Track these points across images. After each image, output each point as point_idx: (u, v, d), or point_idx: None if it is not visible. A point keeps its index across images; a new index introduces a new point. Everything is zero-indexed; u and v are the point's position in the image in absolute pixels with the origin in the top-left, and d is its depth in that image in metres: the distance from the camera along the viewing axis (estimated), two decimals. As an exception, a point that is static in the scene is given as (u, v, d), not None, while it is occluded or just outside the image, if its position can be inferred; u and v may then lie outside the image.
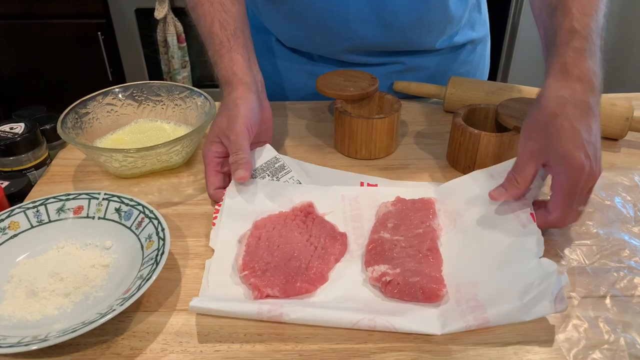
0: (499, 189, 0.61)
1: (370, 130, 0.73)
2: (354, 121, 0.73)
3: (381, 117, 0.73)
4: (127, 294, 0.52)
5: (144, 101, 0.82)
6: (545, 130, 0.56)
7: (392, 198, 0.66)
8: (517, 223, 0.59)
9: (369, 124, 0.73)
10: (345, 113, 0.74)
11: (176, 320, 0.53)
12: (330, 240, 0.60)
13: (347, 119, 0.74)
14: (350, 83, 0.78)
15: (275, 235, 0.60)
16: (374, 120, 0.73)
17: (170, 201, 0.69)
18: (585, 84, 0.56)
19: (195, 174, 0.74)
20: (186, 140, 0.70)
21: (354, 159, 0.77)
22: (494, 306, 0.51)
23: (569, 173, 0.55)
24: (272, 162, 0.70)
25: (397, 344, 0.50)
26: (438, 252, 0.58)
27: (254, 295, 0.54)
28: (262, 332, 0.51)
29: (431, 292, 0.53)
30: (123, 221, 0.61)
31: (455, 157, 0.74)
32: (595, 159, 0.55)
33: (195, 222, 0.65)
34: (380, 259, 0.57)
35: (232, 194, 0.65)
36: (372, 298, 0.55)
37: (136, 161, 0.69)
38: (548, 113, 0.56)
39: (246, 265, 0.56)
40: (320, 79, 0.79)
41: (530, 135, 0.58)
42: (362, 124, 0.73)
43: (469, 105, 0.76)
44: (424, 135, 0.82)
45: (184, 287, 0.57)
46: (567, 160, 0.54)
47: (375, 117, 0.73)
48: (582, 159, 0.54)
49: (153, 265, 0.54)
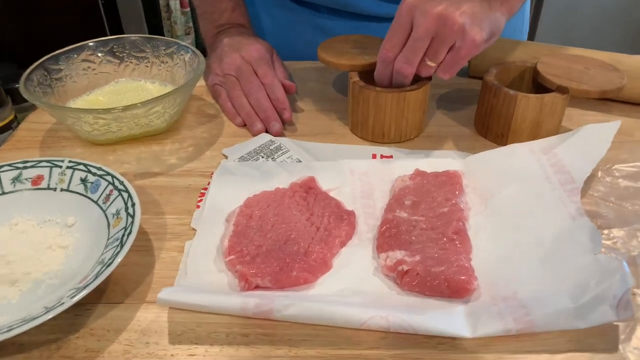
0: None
1: (401, 106, 0.60)
2: (381, 96, 0.59)
3: (414, 89, 0.59)
4: (82, 282, 0.42)
5: (126, 58, 0.71)
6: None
7: (410, 171, 0.55)
8: (564, 212, 0.49)
9: (400, 98, 0.59)
10: (367, 87, 0.59)
11: (144, 315, 0.43)
12: (335, 219, 0.50)
13: (372, 95, 0.59)
14: (359, 50, 0.64)
15: (269, 214, 0.50)
16: (406, 93, 0.59)
17: (149, 171, 0.59)
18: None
19: (180, 141, 0.64)
20: (168, 100, 0.60)
21: (380, 144, 0.62)
22: (540, 308, 0.40)
23: (418, 12, 0.52)
24: (266, 145, 0.60)
25: (415, 350, 0.40)
26: (466, 237, 0.48)
27: (240, 286, 0.44)
28: (249, 332, 0.42)
29: (459, 286, 0.43)
30: (89, 194, 0.52)
31: (486, 124, 0.62)
32: (467, 16, 0.51)
33: (176, 196, 0.55)
34: (396, 243, 0.47)
35: (220, 172, 0.56)
36: (385, 291, 0.45)
37: (110, 124, 0.59)
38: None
39: (233, 249, 0.46)
40: (322, 47, 0.65)
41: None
42: (392, 99, 0.59)
43: (501, 63, 0.64)
44: (447, 98, 0.71)
45: (157, 274, 0.47)
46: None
47: (407, 89, 0.59)
48: (437, 4, 0.51)
49: (117, 248, 0.44)
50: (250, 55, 0.68)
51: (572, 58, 0.63)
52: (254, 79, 0.66)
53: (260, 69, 0.67)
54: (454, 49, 0.53)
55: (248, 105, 0.65)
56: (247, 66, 0.67)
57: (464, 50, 0.52)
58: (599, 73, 0.60)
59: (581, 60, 0.62)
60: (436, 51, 0.53)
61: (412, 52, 0.54)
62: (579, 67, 0.61)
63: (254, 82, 0.66)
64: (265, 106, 0.64)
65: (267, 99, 0.65)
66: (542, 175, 0.53)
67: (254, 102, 0.65)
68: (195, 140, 0.64)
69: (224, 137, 0.65)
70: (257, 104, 0.65)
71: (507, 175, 0.54)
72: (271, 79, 0.66)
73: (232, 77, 0.68)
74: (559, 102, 0.58)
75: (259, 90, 0.65)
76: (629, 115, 0.66)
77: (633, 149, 0.60)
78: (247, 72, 0.67)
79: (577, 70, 0.60)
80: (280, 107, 0.65)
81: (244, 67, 0.67)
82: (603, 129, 0.56)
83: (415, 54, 0.54)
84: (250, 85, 0.66)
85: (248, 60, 0.67)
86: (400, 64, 0.56)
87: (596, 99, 0.69)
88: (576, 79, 0.59)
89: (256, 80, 0.66)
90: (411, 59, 0.55)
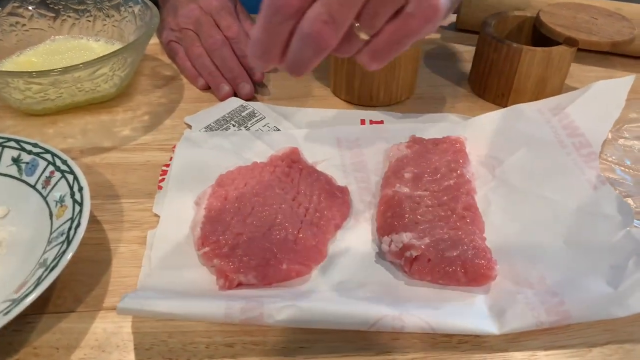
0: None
1: (392, 63, 0.52)
2: None
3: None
4: (21, 291, 0.33)
5: (63, 11, 0.60)
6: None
7: (405, 138, 0.48)
8: (584, 181, 0.43)
9: None
10: None
11: (102, 325, 0.35)
12: (327, 198, 0.42)
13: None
14: None
15: (247, 193, 0.42)
16: None
17: (98, 146, 0.50)
18: None
19: (134, 109, 0.54)
20: (117, 60, 0.50)
21: (367, 107, 0.55)
22: (574, 295, 0.35)
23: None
24: (237, 112, 0.52)
25: (434, 352, 0.34)
26: (478, 213, 0.42)
27: (219, 284, 0.37)
28: (234, 342, 0.34)
29: (478, 272, 0.37)
30: (24, 177, 0.42)
31: (484, 82, 0.56)
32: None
33: (133, 176, 0.46)
34: (400, 224, 0.40)
35: (184, 145, 0.48)
36: (392, 282, 0.38)
37: (46, 90, 0.49)
38: None
39: (207, 239, 0.39)
40: None
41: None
42: None
43: (498, 14, 0.57)
44: (435, 55, 0.64)
45: (115, 273, 0.39)
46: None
47: None
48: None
49: (63, 245, 0.35)
50: (210, 5, 0.58)
51: (577, 7, 0.57)
52: (215, 32, 0.57)
53: (222, 20, 0.57)
54: (401, 16, 0.31)
55: (211, 64, 0.56)
56: (207, 17, 0.57)
57: (417, 19, 0.31)
58: (608, 23, 0.54)
59: (586, 9, 0.56)
60: (374, 13, 0.31)
61: (340, 6, 0.29)
62: (585, 17, 0.55)
63: (216, 37, 0.56)
64: (232, 65, 0.55)
65: (234, 56, 0.56)
66: (555, 139, 0.47)
67: (218, 61, 0.56)
68: (151, 108, 0.55)
69: (185, 102, 0.55)
70: (222, 63, 0.56)
71: (515, 140, 0.48)
72: (237, 32, 0.57)
73: (189, 32, 0.58)
74: (567, 55, 0.52)
75: (223, 46, 0.56)
76: (634, 70, 0.61)
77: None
78: (208, 24, 0.57)
79: (584, 20, 0.54)
80: (249, 65, 0.56)
81: (203, 18, 0.57)
82: (615, 84, 0.50)
83: (345, 9, 0.30)
84: (212, 40, 0.56)
85: (207, 10, 0.58)
86: (316, 23, 0.30)
87: (598, 52, 0.63)
88: (585, 30, 0.52)
89: (219, 34, 0.56)
90: (338, 17, 0.30)
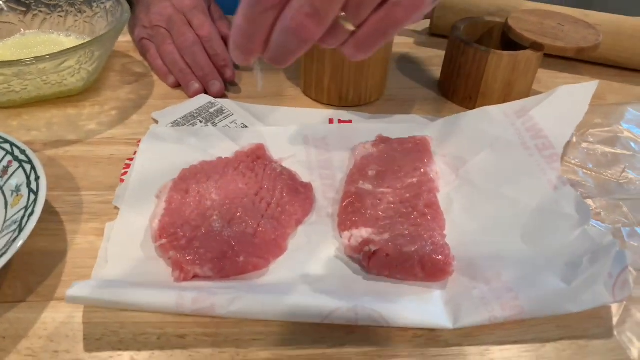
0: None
1: (361, 64, 0.52)
2: (338, 53, 0.50)
3: None
4: (-33, 278, 0.33)
5: (34, 6, 0.60)
6: None
7: (372, 137, 0.49)
8: (545, 181, 0.44)
9: None
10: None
11: (52, 316, 0.34)
12: (290, 193, 0.42)
13: (328, 51, 0.51)
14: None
15: (209, 187, 0.42)
16: None
17: (62, 139, 0.49)
18: None
19: (101, 104, 0.54)
20: (85, 53, 0.50)
21: (337, 107, 0.55)
22: (528, 290, 0.35)
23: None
24: (205, 108, 0.52)
25: (387, 346, 0.34)
26: (440, 211, 0.42)
27: (174, 276, 0.36)
28: (186, 333, 0.34)
29: (436, 267, 0.37)
30: (-18, 166, 0.42)
31: (452, 85, 0.56)
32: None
33: (95, 169, 0.46)
34: (361, 220, 0.40)
35: (149, 140, 0.47)
36: (350, 276, 0.38)
37: (10, 82, 0.49)
38: None
39: (164, 231, 0.38)
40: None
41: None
42: None
43: (469, 18, 0.58)
44: (406, 59, 0.65)
45: (70, 264, 0.38)
46: None
47: None
48: None
49: (15, 233, 0.35)
50: (183, 3, 0.58)
51: (544, 13, 0.58)
52: (187, 30, 0.57)
53: (195, 19, 0.57)
54: (386, 5, 0.31)
55: (182, 62, 0.56)
56: (179, 16, 0.57)
57: (403, 8, 0.31)
58: (574, 29, 0.55)
59: (553, 16, 0.57)
60: (360, 3, 0.30)
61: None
62: (551, 23, 0.56)
63: (188, 35, 0.56)
64: (203, 63, 0.55)
65: (205, 55, 0.56)
66: (518, 141, 0.48)
67: (190, 58, 0.56)
68: (119, 103, 0.54)
69: (154, 98, 0.55)
70: (193, 60, 0.55)
71: (479, 141, 0.48)
72: (209, 31, 0.57)
73: (162, 30, 0.58)
74: (534, 59, 0.52)
75: (194, 44, 0.56)
76: (600, 77, 0.62)
77: (606, 113, 0.56)
78: (180, 22, 0.57)
79: (551, 27, 0.55)
80: (220, 63, 0.56)
81: (175, 17, 0.57)
82: (579, 89, 0.51)
83: (329, 1, 0.29)
84: (183, 38, 0.56)
85: (180, 8, 0.58)
86: (298, 16, 0.29)
87: (566, 59, 0.64)
88: (550, 36, 0.53)
89: (191, 33, 0.56)
90: (322, 9, 0.29)
